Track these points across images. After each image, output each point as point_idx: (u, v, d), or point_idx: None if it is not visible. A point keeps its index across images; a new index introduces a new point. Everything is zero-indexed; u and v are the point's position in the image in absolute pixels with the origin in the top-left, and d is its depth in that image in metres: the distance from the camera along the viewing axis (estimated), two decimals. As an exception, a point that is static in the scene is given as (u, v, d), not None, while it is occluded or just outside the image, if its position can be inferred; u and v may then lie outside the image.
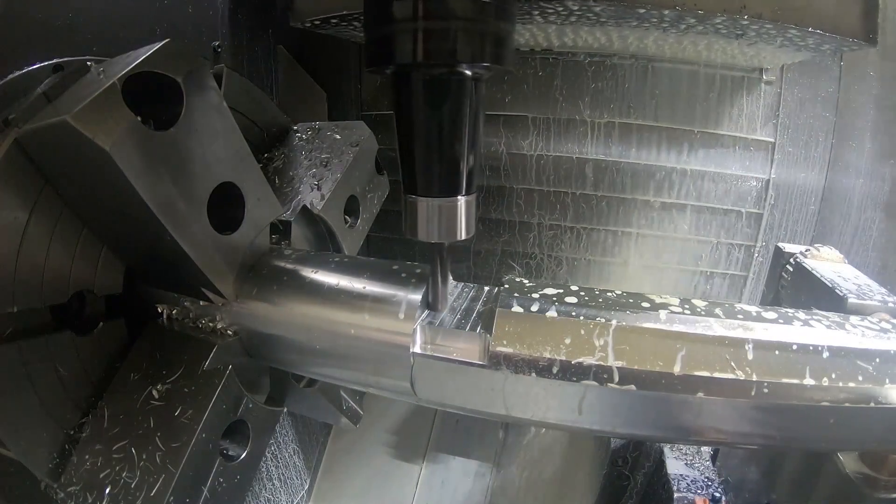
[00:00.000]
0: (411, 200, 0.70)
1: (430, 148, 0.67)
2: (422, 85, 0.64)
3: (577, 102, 1.76)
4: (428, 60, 0.61)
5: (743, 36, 1.25)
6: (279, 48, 1.61)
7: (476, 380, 0.74)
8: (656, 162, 1.78)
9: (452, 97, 0.65)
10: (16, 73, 0.83)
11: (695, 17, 1.14)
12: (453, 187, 0.69)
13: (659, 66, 1.71)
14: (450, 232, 0.71)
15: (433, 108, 0.65)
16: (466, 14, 0.60)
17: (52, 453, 0.77)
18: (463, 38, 0.60)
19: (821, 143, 1.72)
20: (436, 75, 0.63)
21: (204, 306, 0.87)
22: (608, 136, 1.78)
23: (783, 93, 1.70)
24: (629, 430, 0.76)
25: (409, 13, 0.59)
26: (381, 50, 0.63)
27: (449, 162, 0.68)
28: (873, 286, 0.92)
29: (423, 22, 0.59)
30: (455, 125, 0.66)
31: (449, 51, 0.61)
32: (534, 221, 1.89)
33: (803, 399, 0.66)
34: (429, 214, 0.70)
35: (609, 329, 0.70)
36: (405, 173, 0.70)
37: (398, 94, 0.67)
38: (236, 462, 0.85)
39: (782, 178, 1.76)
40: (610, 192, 1.82)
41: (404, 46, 0.61)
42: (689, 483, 1.34)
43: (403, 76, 0.65)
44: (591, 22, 1.28)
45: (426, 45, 0.60)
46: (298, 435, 1.66)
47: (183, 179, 0.75)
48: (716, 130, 1.74)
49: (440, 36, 0.60)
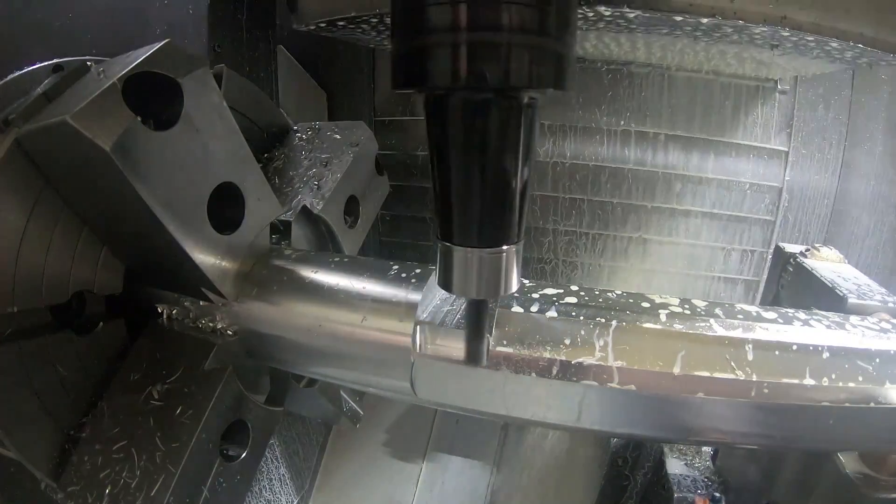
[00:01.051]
0: (446, 249, 0.57)
1: (472, 190, 0.54)
2: (464, 112, 0.51)
3: (594, 110, 1.77)
4: (472, 83, 0.48)
5: (778, 46, 1.22)
6: (279, 48, 1.61)
7: (476, 380, 0.74)
8: (672, 170, 1.80)
9: (501, 128, 0.52)
10: (16, 73, 0.83)
11: (733, 26, 1.10)
12: (499, 236, 0.56)
13: (675, 74, 1.72)
14: (492, 287, 0.58)
15: (477, 140, 0.52)
16: (524, 26, 0.46)
17: (52, 453, 0.77)
18: (519, 56, 0.47)
19: (833, 147, 1.74)
20: (482, 101, 0.50)
21: (204, 306, 0.87)
22: (624, 143, 1.79)
23: (797, 101, 1.71)
24: (629, 430, 0.76)
25: (450, 22, 0.46)
26: (413, 68, 0.49)
27: (494, 207, 0.55)
28: (873, 286, 0.92)
29: (468, 34, 0.46)
30: (504, 163, 0.53)
31: (502, 72, 0.47)
32: (549, 227, 1.91)
33: (803, 399, 0.66)
34: (467, 267, 0.57)
35: (609, 329, 0.70)
36: (439, 216, 0.57)
37: (434, 123, 0.54)
38: (236, 462, 0.85)
39: (795, 182, 1.78)
40: (625, 199, 1.84)
41: (443, 65, 0.47)
42: (689, 483, 1.34)
43: (441, 101, 0.52)
44: (620, 28, 1.23)
45: (471, 63, 0.47)
46: (298, 435, 1.66)
47: (183, 179, 0.75)
48: (730, 139, 1.76)
49: (491, 53, 0.47)
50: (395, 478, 1.86)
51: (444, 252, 0.58)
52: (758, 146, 1.76)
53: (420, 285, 0.80)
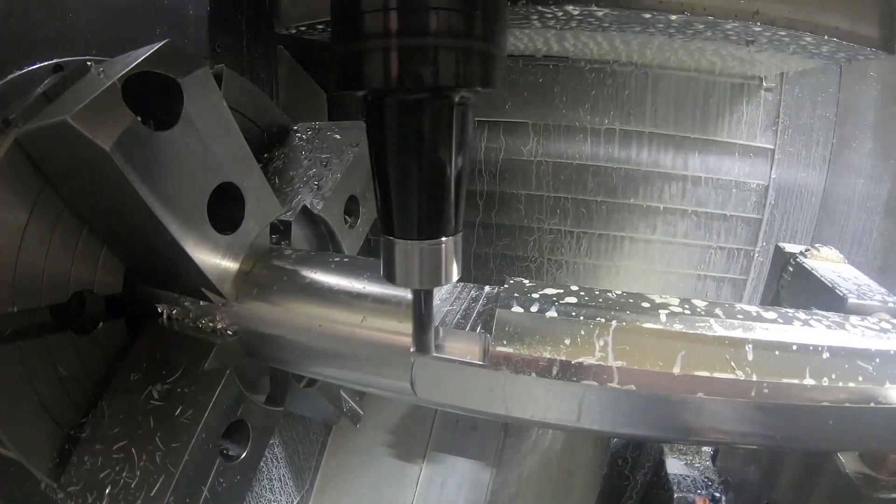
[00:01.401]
0: (388, 242, 0.60)
1: (409, 185, 0.57)
2: (399, 112, 0.54)
3: (578, 109, 1.76)
4: (405, 84, 0.51)
5: (753, 43, 1.22)
6: (279, 48, 1.61)
7: (476, 380, 0.74)
8: (656, 168, 1.78)
9: (434, 126, 0.55)
10: (16, 73, 0.83)
11: (704, 22, 1.10)
12: (438, 229, 0.59)
13: (659, 72, 1.71)
14: (433, 278, 0.61)
15: (412, 139, 0.55)
16: (452, 30, 0.49)
17: (52, 453, 0.77)
18: (446, 58, 0.50)
19: (821, 144, 1.73)
20: (415, 101, 0.53)
21: (204, 306, 0.87)
22: (608, 142, 1.78)
23: (783, 97, 1.70)
24: (629, 430, 0.76)
25: (381, 28, 0.49)
26: (351, 71, 0.53)
27: (431, 200, 0.58)
28: (873, 286, 0.92)
29: (398, 39, 0.49)
30: (438, 159, 0.56)
31: (432, 73, 0.50)
32: (534, 226, 1.90)
33: (803, 399, 0.66)
34: (408, 259, 0.60)
35: (609, 329, 0.70)
36: (381, 211, 0.60)
37: (372, 122, 0.57)
38: (236, 462, 0.85)
39: (782, 180, 1.76)
40: (610, 198, 1.83)
41: (376, 68, 0.50)
42: (689, 483, 1.33)
43: (377, 102, 0.55)
44: (592, 27, 1.24)
45: (402, 66, 0.50)
46: (298, 435, 1.66)
47: (183, 179, 0.75)
48: (716, 137, 1.75)
49: (419, 55, 0.50)
50: (395, 478, 1.86)
51: (387, 245, 0.61)
52: (743, 144, 1.74)
53: (420, 285, 0.80)
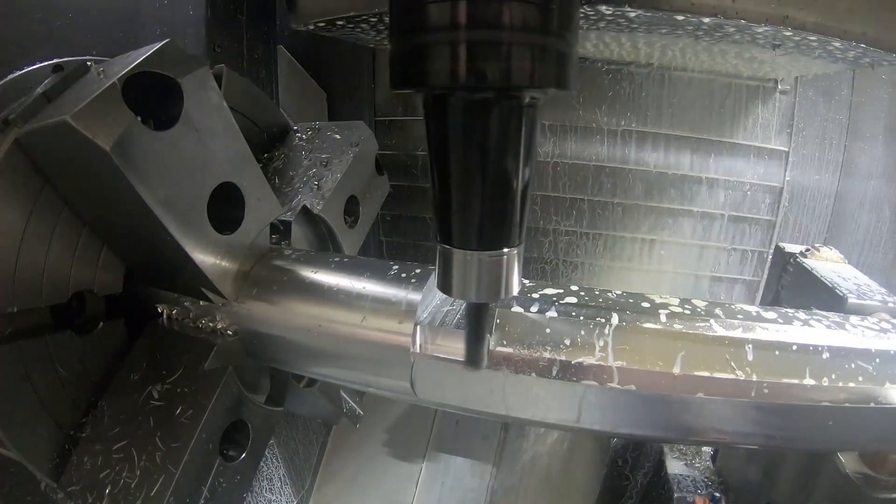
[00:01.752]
0: (445, 251, 0.57)
1: (471, 191, 0.53)
2: (464, 113, 0.50)
3: (595, 110, 1.77)
4: (473, 83, 0.46)
5: (780, 46, 1.21)
6: (279, 48, 1.61)
7: (476, 380, 0.74)
8: (672, 170, 1.80)
9: (503, 129, 0.51)
10: (16, 73, 0.83)
11: (735, 26, 1.09)
12: (500, 239, 0.55)
13: (676, 74, 1.72)
14: (492, 291, 0.58)
15: (477, 141, 0.51)
16: (526, 24, 0.45)
17: (52, 453, 0.77)
18: (520, 56, 0.46)
19: (834, 146, 1.74)
20: (482, 101, 0.49)
21: (204, 306, 0.87)
22: (625, 143, 1.79)
23: (797, 100, 1.72)
24: (629, 430, 0.76)
25: (448, 20, 0.44)
26: (412, 67, 0.48)
27: (495, 209, 0.54)
28: (873, 286, 0.92)
29: (467, 32, 0.44)
30: (504, 164, 0.52)
31: (503, 71, 0.46)
32: (550, 227, 1.91)
33: (803, 399, 0.66)
34: (467, 270, 0.56)
35: (609, 329, 0.70)
36: (439, 218, 0.56)
37: (434, 123, 0.52)
38: (236, 462, 0.85)
39: (796, 182, 1.78)
40: (626, 199, 1.84)
41: (441, 63, 0.46)
42: (689, 483, 1.34)
43: (441, 101, 0.51)
44: (620, 27, 1.22)
45: (471, 62, 0.45)
46: (298, 435, 1.66)
47: (183, 179, 0.75)
48: (731, 139, 1.76)
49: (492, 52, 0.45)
50: (395, 478, 1.86)
51: (444, 255, 0.57)
52: (758, 146, 1.76)
53: (420, 285, 0.80)
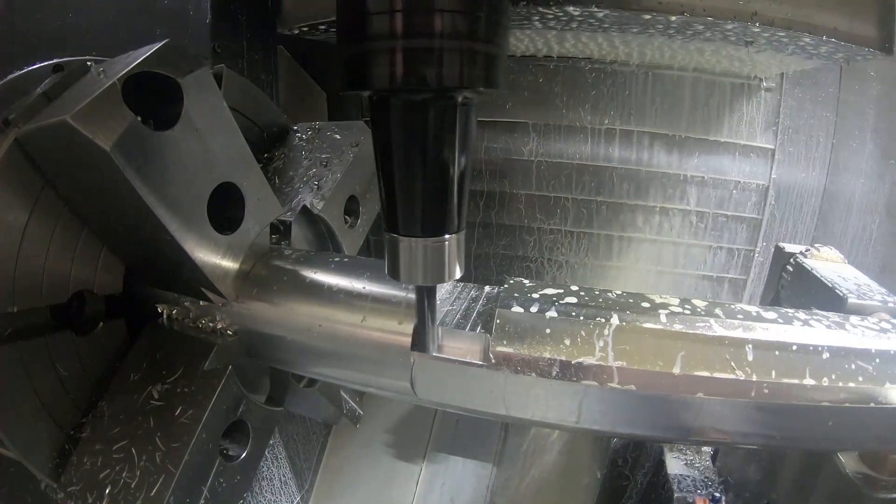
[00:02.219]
0: (392, 239, 0.62)
1: (413, 183, 0.59)
2: (403, 112, 0.56)
3: (578, 109, 1.76)
4: (410, 85, 0.52)
5: (752, 43, 1.22)
6: (279, 48, 1.61)
7: (476, 380, 0.74)
8: (656, 168, 1.78)
9: (438, 126, 0.57)
10: (16, 73, 0.83)
11: (703, 23, 1.10)
12: (440, 226, 0.61)
13: (659, 73, 1.71)
14: (436, 274, 0.63)
15: (416, 138, 0.57)
16: (456, 32, 0.51)
17: (52, 453, 0.77)
18: (450, 59, 0.52)
19: (821, 144, 1.73)
20: (419, 101, 0.55)
21: (204, 306, 0.87)
22: (609, 142, 1.78)
23: (783, 98, 1.70)
24: (629, 430, 0.76)
25: (387, 29, 0.50)
26: (357, 71, 0.55)
27: (435, 198, 0.60)
28: (873, 286, 0.92)
29: (403, 40, 0.51)
30: (441, 157, 0.58)
31: (436, 74, 0.52)
32: (534, 226, 1.90)
33: (803, 399, 0.66)
34: (412, 256, 0.62)
35: (609, 329, 0.70)
36: (385, 209, 0.62)
37: (376, 122, 0.59)
38: (236, 462, 0.85)
39: (782, 180, 1.76)
40: (610, 198, 1.83)
41: (381, 69, 0.52)
42: (689, 483, 1.33)
43: (382, 102, 0.57)
44: (592, 27, 1.25)
45: (408, 67, 0.51)
46: (298, 434, 1.66)
47: (183, 179, 0.75)
48: (716, 137, 1.74)
49: (424, 57, 0.52)
50: (395, 478, 1.86)
51: (391, 243, 0.63)
52: (743, 144, 1.74)
53: (420, 285, 0.80)
